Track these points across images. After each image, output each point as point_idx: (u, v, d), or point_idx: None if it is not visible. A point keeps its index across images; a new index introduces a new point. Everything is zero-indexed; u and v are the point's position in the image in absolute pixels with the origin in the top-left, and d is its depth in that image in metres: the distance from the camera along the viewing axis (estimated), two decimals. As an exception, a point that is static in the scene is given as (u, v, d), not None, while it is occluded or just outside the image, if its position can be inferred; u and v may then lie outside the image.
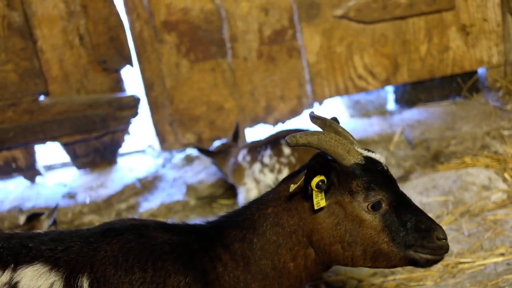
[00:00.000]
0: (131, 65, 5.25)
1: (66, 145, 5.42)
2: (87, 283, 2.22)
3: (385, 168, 2.33)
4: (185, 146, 5.45)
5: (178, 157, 5.54)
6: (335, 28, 5.22)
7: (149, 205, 5.03)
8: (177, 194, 5.06)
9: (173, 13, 5.09)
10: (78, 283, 2.22)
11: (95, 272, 2.24)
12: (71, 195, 5.17)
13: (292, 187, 2.27)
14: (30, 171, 5.47)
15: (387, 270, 3.78)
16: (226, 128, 5.35)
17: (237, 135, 4.70)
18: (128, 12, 5.15)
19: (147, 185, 5.27)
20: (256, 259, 2.35)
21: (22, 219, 3.91)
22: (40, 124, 5.23)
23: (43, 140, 5.34)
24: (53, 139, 5.33)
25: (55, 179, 5.56)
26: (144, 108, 5.43)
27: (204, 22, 5.12)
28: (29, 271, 2.22)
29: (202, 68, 5.22)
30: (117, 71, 5.26)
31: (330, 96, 5.42)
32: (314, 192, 2.20)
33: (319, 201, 2.23)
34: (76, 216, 5.02)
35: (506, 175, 4.46)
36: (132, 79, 5.63)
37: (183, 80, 5.24)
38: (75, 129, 5.27)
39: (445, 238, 2.28)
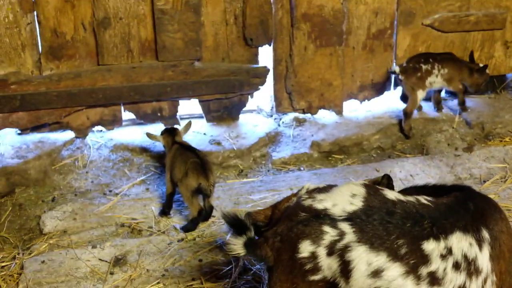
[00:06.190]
0: (270, 45, 6.64)
1: (203, 102, 6.71)
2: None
3: None
4: (295, 110, 6.96)
5: (288, 118, 7.02)
6: (421, 33, 6.99)
7: (280, 155, 6.46)
8: (303, 148, 6.56)
9: (312, 7, 6.54)
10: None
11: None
12: (217, 142, 6.50)
13: None
14: (171, 120, 6.67)
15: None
16: (331, 100, 6.95)
17: None
18: (275, 2, 6.52)
19: (272, 139, 6.70)
20: None
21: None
22: (192, 84, 6.48)
23: (191, 97, 6.57)
24: (199, 96, 6.59)
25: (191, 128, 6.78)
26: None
27: (332, 17, 6.62)
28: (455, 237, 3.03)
29: (323, 52, 6.74)
30: (257, 47, 6.63)
31: (408, 83, 7.20)
32: None
33: None
34: (224, 160, 6.36)
35: (536, 151, 6.55)
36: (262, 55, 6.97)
37: (307, 60, 6.74)
38: (218, 90, 6.56)
39: None
